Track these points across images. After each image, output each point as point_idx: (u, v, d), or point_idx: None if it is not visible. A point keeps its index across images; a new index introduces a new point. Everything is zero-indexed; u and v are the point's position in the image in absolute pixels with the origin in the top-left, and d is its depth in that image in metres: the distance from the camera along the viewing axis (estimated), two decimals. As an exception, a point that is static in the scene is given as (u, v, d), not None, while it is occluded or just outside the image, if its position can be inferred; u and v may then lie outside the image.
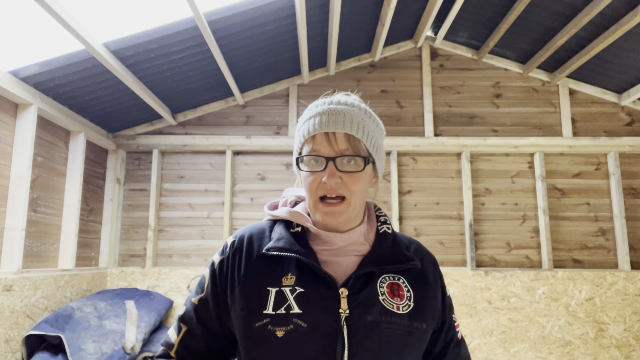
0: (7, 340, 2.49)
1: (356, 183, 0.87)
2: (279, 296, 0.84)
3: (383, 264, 0.89)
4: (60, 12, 2.21)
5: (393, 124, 3.95)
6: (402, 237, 0.99)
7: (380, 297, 0.85)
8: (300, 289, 0.84)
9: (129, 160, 3.88)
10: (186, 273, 3.62)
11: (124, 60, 2.88)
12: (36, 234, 2.91)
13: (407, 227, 3.81)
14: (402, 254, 0.92)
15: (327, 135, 0.88)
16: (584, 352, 3.51)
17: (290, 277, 0.86)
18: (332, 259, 0.91)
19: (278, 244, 0.90)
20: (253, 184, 3.87)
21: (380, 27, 3.52)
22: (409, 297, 0.88)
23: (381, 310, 0.84)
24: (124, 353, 2.75)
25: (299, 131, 0.93)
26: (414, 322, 0.86)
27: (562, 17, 3.27)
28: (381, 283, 0.88)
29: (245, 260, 0.91)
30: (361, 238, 0.94)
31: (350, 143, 0.88)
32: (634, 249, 3.74)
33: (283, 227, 0.94)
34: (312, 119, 0.90)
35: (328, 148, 0.87)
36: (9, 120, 2.69)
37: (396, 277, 0.90)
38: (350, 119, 0.88)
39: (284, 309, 0.83)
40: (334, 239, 0.91)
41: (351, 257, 0.91)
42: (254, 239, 0.94)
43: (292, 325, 0.81)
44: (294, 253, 0.87)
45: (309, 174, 0.88)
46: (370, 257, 0.90)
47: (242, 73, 3.58)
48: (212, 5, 2.71)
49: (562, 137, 3.84)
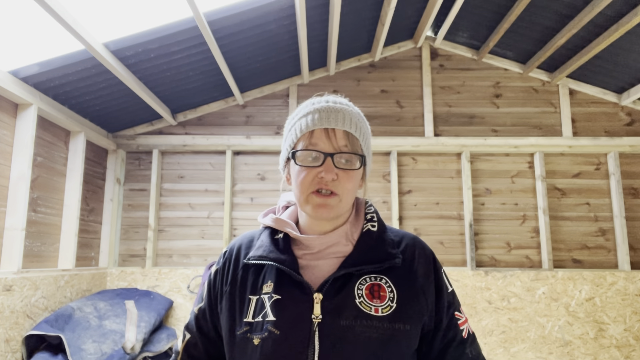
0: (7, 340, 2.49)
1: (350, 181, 0.87)
2: (258, 304, 0.86)
3: (362, 265, 0.86)
4: (60, 12, 2.21)
5: (393, 124, 3.95)
6: (392, 234, 0.95)
7: (357, 299, 0.83)
8: (277, 296, 0.85)
9: (129, 160, 3.88)
10: (186, 273, 3.62)
11: (124, 60, 2.88)
12: (36, 234, 2.91)
13: (407, 227, 3.81)
14: (383, 252, 0.88)
15: (326, 131, 0.86)
16: (584, 352, 3.51)
17: (269, 285, 0.87)
18: (312, 263, 0.89)
19: (257, 252, 0.91)
20: (253, 184, 3.87)
21: (380, 27, 3.52)
22: (391, 297, 0.84)
23: (357, 314, 0.81)
24: (124, 353, 2.75)
25: (294, 127, 0.90)
26: (395, 324, 0.82)
27: (562, 17, 3.27)
28: (360, 285, 0.85)
29: (233, 270, 0.93)
30: (343, 239, 0.91)
31: (348, 140, 0.87)
32: (634, 249, 3.74)
33: (267, 235, 0.94)
34: (310, 114, 0.88)
35: (327, 144, 0.86)
36: (9, 120, 2.69)
37: (378, 277, 0.86)
38: (349, 117, 0.88)
39: (261, 316, 0.84)
40: (312, 243, 0.90)
41: (332, 260, 0.89)
42: (242, 248, 0.96)
43: (266, 333, 0.81)
44: (271, 261, 0.87)
45: (303, 169, 0.86)
46: (350, 259, 0.88)
47: (242, 73, 3.58)
48: (212, 5, 2.71)
49: (562, 137, 3.84)
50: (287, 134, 0.93)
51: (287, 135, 0.92)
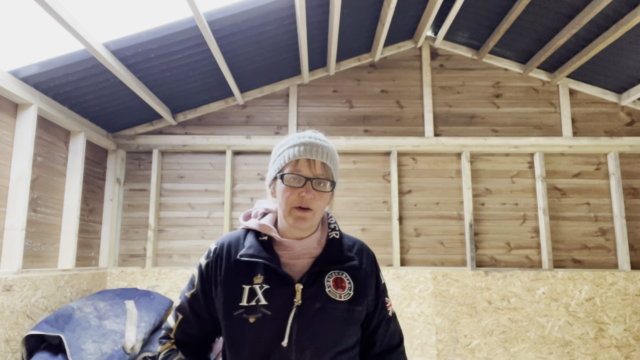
0: (7, 340, 2.49)
1: (322, 200, 1.14)
2: (251, 292, 1.11)
3: (330, 264, 1.16)
4: (60, 12, 2.21)
5: (393, 124, 3.95)
6: (347, 240, 1.25)
7: (327, 289, 1.13)
8: (266, 285, 1.11)
9: (129, 160, 3.88)
10: (186, 273, 3.62)
11: (124, 60, 2.88)
12: (36, 234, 2.91)
13: (407, 227, 3.81)
14: (345, 256, 1.19)
15: (308, 161, 1.13)
16: (584, 352, 3.51)
17: (259, 277, 1.13)
18: (291, 261, 1.17)
19: (249, 251, 1.15)
20: (253, 184, 3.87)
21: (380, 27, 3.52)
22: (349, 287, 1.15)
23: (327, 299, 1.11)
24: (124, 353, 2.75)
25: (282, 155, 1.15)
26: (353, 306, 1.14)
27: (562, 17, 3.27)
28: (328, 278, 1.15)
29: (225, 263, 1.17)
30: (315, 243, 1.20)
31: (324, 169, 1.14)
32: (634, 249, 3.74)
33: (253, 236, 1.19)
34: (296, 147, 1.14)
35: (308, 170, 1.12)
36: (9, 120, 2.69)
37: (340, 272, 1.17)
38: (326, 151, 1.15)
39: (255, 301, 1.10)
40: (292, 245, 1.17)
41: (306, 259, 1.17)
42: (231, 246, 1.20)
43: (260, 314, 1.08)
44: (261, 259, 1.13)
45: (288, 188, 1.12)
46: (320, 259, 1.17)
47: (242, 73, 3.58)
48: (212, 5, 2.71)
49: (562, 137, 3.84)
50: (275, 158, 1.18)
51: (276, 160, 1.18)
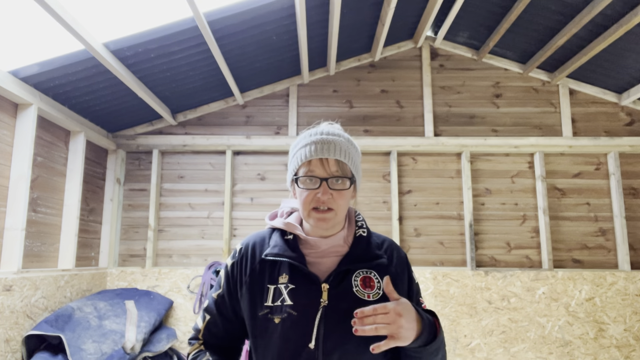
0: (7, 340, 2.49)
1: (342, 198, 1.08)
2: (276, 291, 1.08)
3: (357, 262, 1.10)
4: (60, 12, 2.21)
5: (393, 124, 3.95)
6: (376, 238, 1.20)
7: (354, 288, 1.07)
8: (292, 285, 1.07)
9: (129, 160, 3.88)
10: (186, 273, 3.62)
11: (124, 60, 2.88)
12: (36, 234, 2.91)
13: (407, 227, 3.81)
14: (373, 254, 1.13)
15: (321, 160, 1.08)
16: (584, 352, 3.51)
17: (285, 276, 1.09)
18: (317, 260, 1.12)
19: (274, 250, 1.12)
20: (253, 184, 3.87)
21: (380, 27, 3.52)
22: (378, 286, 1.09)
23: (354, 299, 1.05)
24: (124, 353, 2.75)
25: (296, 156, 1.12)
26: None
27: (562, 17, 3.27)
28: (355, 277, 1.09)
29: (250, 263, 1.14)
30: (341, 241, 1.15)
31: (339, 166, 1.08)
32: (634, 249, 3.75)
33: (279, 235, 1.16)
34: (308, 146, 1.09)
35: (322, 170, 1.07)
36: (9, 120, 2.69)
37: (369, 271, 1.11)
38: (339, 147, 1.09)
39: (280, 301, 1.06)
40: (319, 244, 1.13)
41: (333, 258, 1.13)
42: (256, 246, 1.17)
43: (286, 314, 1.04)
44: (286, 258, 1.09)
45: (304, 190, 1.08)
46: (347, 257, 1.11)
47: (242, 73, 3.58)
48: (212, 5, 2.71)
49: (562, 137, 3.84)
50: (291, 159, 1.15)
51: (291, 161, 1.14)
